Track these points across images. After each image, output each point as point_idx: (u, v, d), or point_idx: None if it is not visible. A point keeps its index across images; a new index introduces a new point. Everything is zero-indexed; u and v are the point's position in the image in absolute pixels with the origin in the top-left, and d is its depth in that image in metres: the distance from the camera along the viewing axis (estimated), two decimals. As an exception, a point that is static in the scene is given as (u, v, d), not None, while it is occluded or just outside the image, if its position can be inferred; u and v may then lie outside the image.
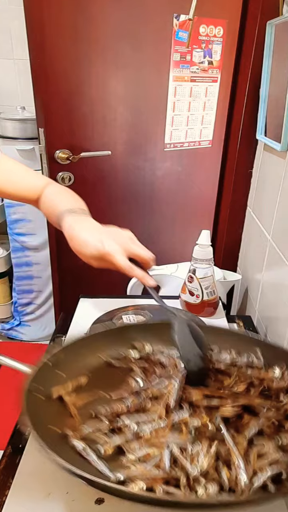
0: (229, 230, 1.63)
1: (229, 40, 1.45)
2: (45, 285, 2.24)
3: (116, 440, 0.59)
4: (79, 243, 0.72)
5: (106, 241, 0.71)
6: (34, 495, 0.65)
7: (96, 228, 0.75)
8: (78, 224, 0.75)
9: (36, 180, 0.90)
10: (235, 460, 0.54)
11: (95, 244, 0.70)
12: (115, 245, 0.71)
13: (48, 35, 1.30)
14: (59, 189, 0.89)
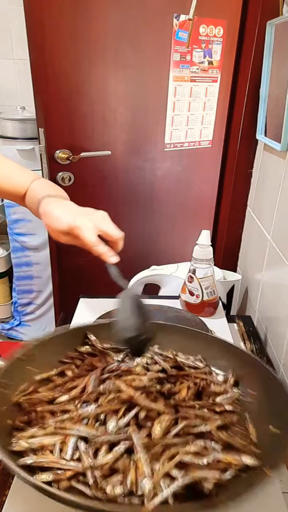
0: (229, 230, 1.63)
1: (229, 40, 1.45)
2: (45, 285, 2.24)
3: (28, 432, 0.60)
4: (52, 217, 0.73)
5: (78, 217, 0.72)
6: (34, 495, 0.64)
7: (70, 206, 0.77)
8: (53, 203, 0.76)
9: (24, 178, 0.90)
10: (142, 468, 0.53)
11: (67, 219, 0.71)
12: (87, 221, 0.72)
13: (48, 35, 1.30)
14: (43, 182, 0.90)
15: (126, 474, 0.54)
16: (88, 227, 0.71)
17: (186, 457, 0.55)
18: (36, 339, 0.76)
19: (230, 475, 0.55)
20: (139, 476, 0.53)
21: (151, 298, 1.29)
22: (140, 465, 0.54)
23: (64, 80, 1.38)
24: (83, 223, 0.71)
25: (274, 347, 1.11)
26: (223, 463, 0.56)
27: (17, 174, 0.90)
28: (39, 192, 0.83)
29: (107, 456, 0.56)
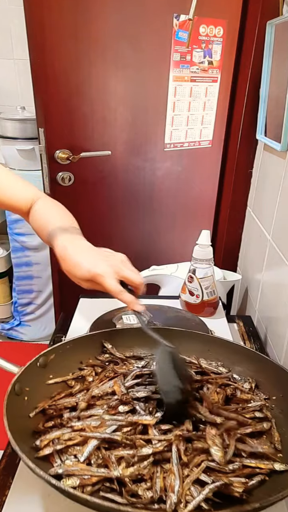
0: (229, 230, 1.63)
1: (229, 40, 1.45)
2: (45, 285, 2.23)
3: (52, 435, 0.62)
4: (72, 264, 0.71)
5: (98, 264, 0.70)
6: (34, 495, 0.65)
7: (89, 250, 0.74)
8: (71, 245, 0.73)
9: (26, 191, 0.88)
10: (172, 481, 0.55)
11: (88, 266, 0.69)
12: (107, 267, 0.70)
13: (48, 35, 1.30)
14: (50, 204, 0.87)
15: (154, 480, 0.55)
16: (110, 274, 0.69)
17: (213, 463, 0.57)
18: (52, 346, 0.77)
19: (257, 480, 0.57)
20: (168, 483, 0.55)
21: (151, 298, 1.29)
22: (171, 472, 0.56)
23: (64, 80, 1.38)
24: (104, 270, 0.69)
25: (274, 347, 1.11)
26: (248, 468, 0.58)
27: (19, 188, 0.88)
28: (49, 220, 0.80)
29: (138, 465, 0.57)
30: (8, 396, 0.63)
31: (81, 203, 1.56)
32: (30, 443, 0.62)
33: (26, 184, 0.89)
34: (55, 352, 0.76)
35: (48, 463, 0.59)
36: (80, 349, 0.82)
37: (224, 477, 0.55)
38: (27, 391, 0.69)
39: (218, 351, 0.85)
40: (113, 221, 1.65)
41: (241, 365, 0.82)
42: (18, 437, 0.57)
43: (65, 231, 0.76)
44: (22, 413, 0.66)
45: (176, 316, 1.14)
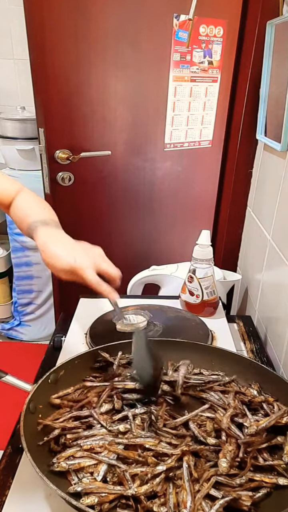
0: (229, 230, 1.63)
1: (229, 40, 1.45)
2: (45, 285, 2.24)
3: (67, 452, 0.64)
4: (52, 256, 0.73)
5: (78, 256, 0.73)
6: (34, 495, 0.65)
7: (69, 243, 0.77)
8: (51, 238, 0.76)
9: (7, 185, 0.90)
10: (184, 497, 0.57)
11: (67, 258, 0.72)
12: (86, 259, 0.73)
13: (48, 35, 1.30)
14: (30, 197, 0.89)
15: (168, 497, 0.57)
16: (89, 267, 0.73)
17: (221, 478, 0.59)
18: (61, 362, 0.79)
19: (263, 492, 0.59)
20: (180, 499, 0.57)
21: (151, 298, 1.29)
22: (183, 488, 0.58)
23: (64, 80, 1.38)
24: (84, 262, 0.72)
25: (274, 347, 1.11)
26: (255, 482, 0.60)
27: (0, 182, 0.90)
28: (29, 213, 0.83)
29: (151, 482, 0.58)
30: (24, 416, 0.64)
31: (81, 203, 1.56)
32: (46, 461, 0.62)
33: (7, 179, 0.92)
34: (64, 368, 0.77)
35: (65, 479, 0.61)
36: (89, 363, 0.83)
37: (232, 492, 0.57)
38: (40, 408, 0.70)
39: (221, 362, 0.86)
40: (113, 221, 1.65)
41: (244, 376, 0.83)
42: (36, 456, 0.58)
43: (46, 224, 0.79)
44: (37, 432, 0.66)
45: (176, 316, 1.14)
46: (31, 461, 0.57)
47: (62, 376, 0.76)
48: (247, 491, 0.58)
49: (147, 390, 0.75)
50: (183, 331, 1.05)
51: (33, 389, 0.70)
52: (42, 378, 0.73)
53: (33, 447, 0.60)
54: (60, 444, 0.66)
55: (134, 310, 1.12)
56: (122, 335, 1.02)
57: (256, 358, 1.07)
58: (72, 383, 0.78)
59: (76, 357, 0.81)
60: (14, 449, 0.74)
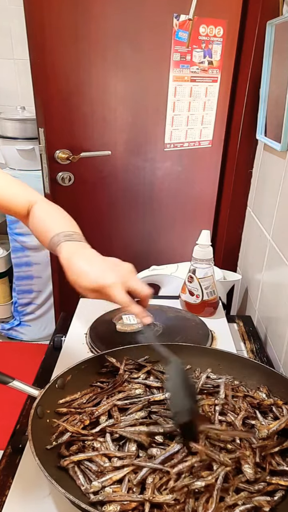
0: (229, 230, 1.63)
1: (229, 40, 1.45)
2: (45, 285, 2.23)
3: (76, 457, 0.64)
4: (78, 273, 0.68)
5: (106, 274, 0.67)
6: (34, 495, 0.65)
7: (96, 259, 0.71)
8: (76, 254, 0.70)
9: (23, 194, 0.85)
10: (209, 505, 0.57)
11: (95, 277, 0.67)
12: (115, 278, 0.67)
13: (48, 35, 1.30)
14: (49, 208, 0.84)
15: (187, 503, 0.57)
16: (118, 285, 0.67)
17: (241, 484, 0.60)
18: (68, 367, 0.78)
19: (279, 496, 0.60)
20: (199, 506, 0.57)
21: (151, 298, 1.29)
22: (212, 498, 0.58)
23: (64, 80, 1.38)
24: (112, 281, 0.67)
25: (274, 347, 1.11)
26: (271, 485, 0.61)
27: (15, 190, 0.85)
28: (50, 225, 0.78)
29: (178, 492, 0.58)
30: (32, 421, 0.64)
31: (81, 203, 1.56)
32: (55, 465, 0.63)
33: (23, 187, 0.86)
34: (71, 373, 0.77)
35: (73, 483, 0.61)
36: (96, 368, 0.83)
37: (253, 499, 0.58)
38: (48, 413, 0.70)
39: (229, 365, 0.85)
40: (113, 221, 1.65)
41: (252, 379, 0.83)
42: (45, 461, 0.58)
43: (69, 239, 0.73)
44: (46, 437, 0.67)
45: (176, 316, 1.14)
46: (40, 466, 0.57)
47: (70, 381, 0.76)
48: (265, 496, 0.59)
49: (184, 432, 0.66)
50: (183, 331, 1.05)
51: (41, 394, 0.70)
52: (49, 383, 0.73)
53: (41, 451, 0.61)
54: (69, 449, 0.66)
55: (134, 310, 1.12)
56: (122, 335, 1.02)
57: (256, 358, 1.07)
58: (80, 388, 0.78)
59: (83, 362, 0.81)
60: (14, 449, 0.74)
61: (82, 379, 0.79)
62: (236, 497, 0.58)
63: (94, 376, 0.82)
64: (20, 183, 0.87)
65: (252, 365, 0.85)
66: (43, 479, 0.57)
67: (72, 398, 0.76)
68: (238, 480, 0.61)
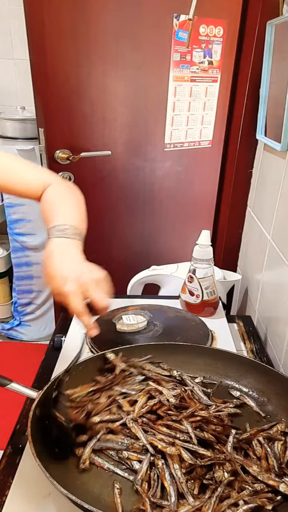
0: (229, 230, 1.63)
1: (229, 40, 1.45)
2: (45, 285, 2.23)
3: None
4: (48, 276, 0.71)
5: (68, 281, 0.69)
6: (34, 495, 0.65)
7: (69, 264, 0.72)
8: (55, 254, 0.72)
9: (38, 176, 0.86)
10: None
11: (58, 282, 0.69)
12: (74, 286, 0.69)
13: (48, 35, 1.30)
14: (59, 193, 0.84)
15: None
16: (76, 294, 0.69)
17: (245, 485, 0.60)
18: (65, 368, 0.77)
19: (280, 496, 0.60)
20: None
21: (151, 298, 1.29)
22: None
23: (64, 80, 1.38)
24: (71, 290, 0.68)
25: (274, 347, 1.11)
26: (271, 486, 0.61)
27: (30, 173, 0.86)
28: (52, 214, 0.78)
29: None
30: (31, 423, 0.64)
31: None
32: (57, 468, 0.62)
33: (39, 170, 0.87)
34: (69, 374, 0.77)
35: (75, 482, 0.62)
36: (94, 368, 0.83)
37: (257, 500, 0.58)
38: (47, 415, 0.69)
39: (225, 363, 0.85)
40: (113, 221, 1.65)
41: (248, 377, 0.83)
42: (47, 463, 0.58)
43: (60, 234, 0.74)
44: (45, 438, 0.66)
45: (176, 316, 1.14)
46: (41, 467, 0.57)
47: (67, 382, 0.76)
48: (266, 493, 0.59)
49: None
50: (183, 331, 1.05)
51: (39, 396, 0.70)
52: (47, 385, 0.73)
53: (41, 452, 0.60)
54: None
55: (134, 310, 1.12)
56: (122, 335, 1.02)
57: (256, 358, 1.07)
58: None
59: (80, 363, 0.81)
60: (14, 449, 0.74)
61: (80, 380, 0.79)
62: (238, 496, 0.58)
63: (93, 376, 0.82)
64: (37, 167, 0.87)
65: (249, 363, 0.85)
66: (43, 479, 0.57)
67: (73, 392, 0.76)
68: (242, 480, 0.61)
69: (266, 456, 0.65)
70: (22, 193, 0.85)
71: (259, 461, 0.65)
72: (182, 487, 0.59)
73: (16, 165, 0.85)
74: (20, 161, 0.87)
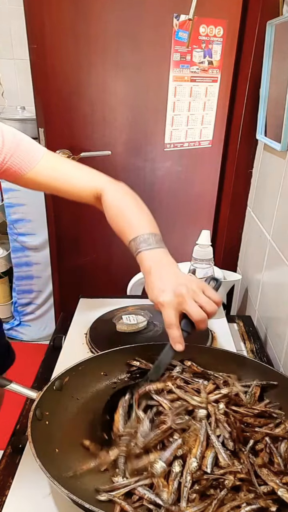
0: (229, 230, 1.63)
1: (229, 40, 1.45)
2: (45, 285, 2.24)
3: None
4: (149, 287, 0.73)
5: (166, 292, 0.70)
6: (34, 495, 0.65)
7: (167, 277, 0.74)
8: (155, 268, 0.74)
9: (90, 180, 0.89)
10: None
11: (156, 294, 0.71)
12: (171, 297, 0.69)
13: (48, 35, 1.30)
14: (121, 199, 0.87)
15: None
16: (170, 306, 0.69)
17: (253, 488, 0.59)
18: (66, 369, 0.78)
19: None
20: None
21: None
22: None
23: (64, 80, 1.38)
24: (166, 301, 0.69)
25: (274, 347, 1.11)
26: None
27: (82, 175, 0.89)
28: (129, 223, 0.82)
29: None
30: (31, 423, 0.64)
31: (81, 203, 1.56)
32: (57, 467, 0.62)
33: (90, 172, 0.89)
34: (68, 374, 0.77)
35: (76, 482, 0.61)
36: (94, 369, 0.83)
37: (261, 501, 0.57)
38: (47, 415, 0.70)
39: (224, 363, 0.85)
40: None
41: (247, 376, 0.82)
42: (45, 462, 0.58)
43: (147, 247, 0.77)
44: (46, 438, 0.66)
45: (176, 316, 1.14)
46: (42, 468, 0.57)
47: (67, 382, 0.76)
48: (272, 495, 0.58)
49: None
50: (183, 331, 1.05)
51: (39, 397, 0.70)
52: (47, 385, 0.73)
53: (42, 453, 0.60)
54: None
55: (134, 310, 1.12)
56: (122, 335, 1.02)
57: (256, 358, 1.07)
58: (78, 389, 0.78)
59: (80, 363, 0.80)
60: (14, 449, 0.74)
61: (80, 380, 0.79)
62: (242, 498, 0.57)
63: (93, 377, 0.81)
64: (86, 168, 0.89)
65: (249, 363, 0.85)
66: (43, 479, 0.57)
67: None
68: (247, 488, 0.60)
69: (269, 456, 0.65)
70: (73, 197, 0.89)
71: (271, 463, 0.64)
72: (184, 490, 0.58)
73: (66, 168, 0.88)
74: (69, 163, 0.89)
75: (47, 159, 0.85)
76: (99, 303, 1.17)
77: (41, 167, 0.83)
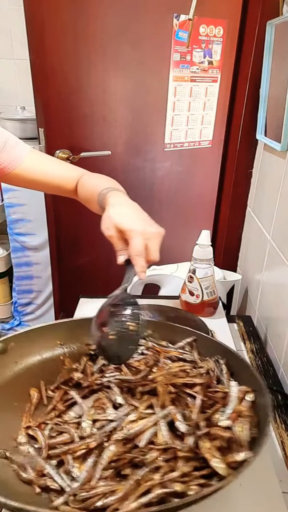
0: (229, 230, 1.63)
1: (229, 40, 1.45)
2: (45, 285, 2.23)
3: None
4: (120, 212, 0.74)
5: (140, 222, 0.74)
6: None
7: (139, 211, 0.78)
8: (125, 201, 0.79)
9: (72, 171, 0.94)
10: None
11: (130, 221, 0.73)
12: (143, 228, 0.73)
13: (48, 35, 1.30)
14: (95, 175, 0.93)
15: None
16: (140, 234, 0.72)
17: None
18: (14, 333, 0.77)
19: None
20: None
21: (151, 298, 1.29)
22: None
23: (64, 80, 1.38)
24: (140, 229, 0.72)
25: (274, 347, 1.11)
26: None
27: (64, 169, 0.94)
28: (98, 184, 0.86)
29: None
30: None
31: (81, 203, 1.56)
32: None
33: (69, 166, 0.96)
34: (14, 340, 0.75)
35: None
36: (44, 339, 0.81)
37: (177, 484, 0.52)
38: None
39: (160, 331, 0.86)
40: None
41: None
42: None
43: (116, 190, 0.82)
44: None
45: (176, 316, 1.14)
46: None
47: (13, 347, 0.74)
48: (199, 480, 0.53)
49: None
50: (183, 331, 1.05)
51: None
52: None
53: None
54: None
55: (134, 310, 1.12)
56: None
57: (256, 358, 1.07)
58: (24, 355, 0.76)
59: (31, 330, 0.79)
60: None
61: (28, 347, 0.77)
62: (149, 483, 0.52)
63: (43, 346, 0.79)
64: (67, 164, 0.97)
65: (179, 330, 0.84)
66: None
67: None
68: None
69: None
70: (58, 189, 0.94)
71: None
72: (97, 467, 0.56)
73: (49, 164, 0.93)
74: (53, 161, 0.96)
75: (31, 157, 0.90)
76: (99, 303, 1.17)
77: (26, 165, 0.88)
